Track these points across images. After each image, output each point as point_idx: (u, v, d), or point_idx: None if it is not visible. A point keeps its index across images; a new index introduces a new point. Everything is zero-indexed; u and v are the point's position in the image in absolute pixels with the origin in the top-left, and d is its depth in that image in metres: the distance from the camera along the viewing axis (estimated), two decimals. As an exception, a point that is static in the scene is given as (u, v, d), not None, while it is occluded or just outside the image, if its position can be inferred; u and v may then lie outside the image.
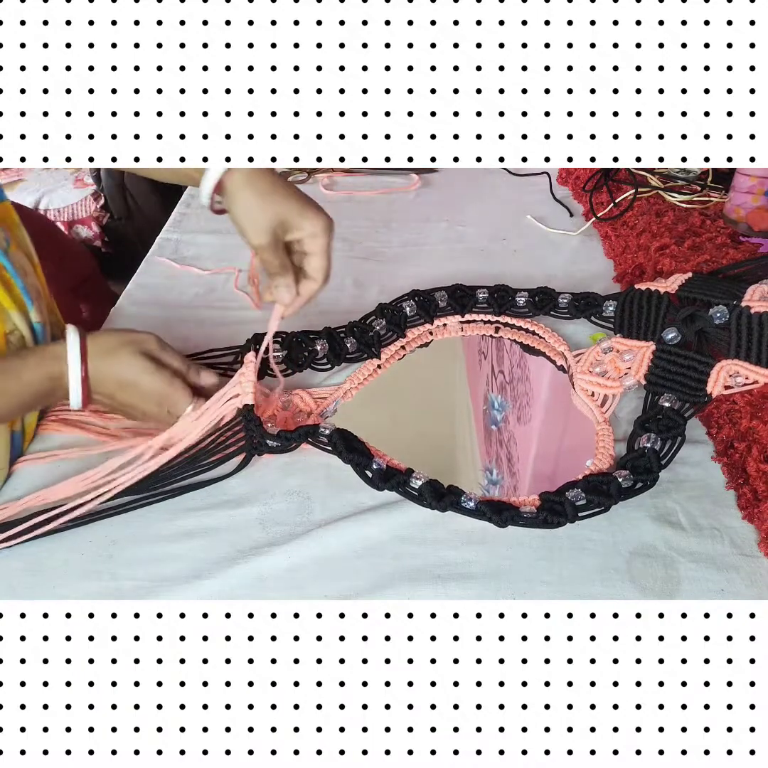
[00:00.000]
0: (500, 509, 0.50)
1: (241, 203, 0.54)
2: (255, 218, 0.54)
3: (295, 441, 0.56)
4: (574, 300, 0.71)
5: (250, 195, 0.53)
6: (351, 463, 0.54)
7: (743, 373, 0.57)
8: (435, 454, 0.64)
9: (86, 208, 1.81)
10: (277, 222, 0.54)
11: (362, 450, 0.55)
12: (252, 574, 0.49)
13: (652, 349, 0.62)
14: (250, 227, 0.54)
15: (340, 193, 1.02)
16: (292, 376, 0.67)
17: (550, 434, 0.66)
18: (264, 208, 0.53)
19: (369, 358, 0.68)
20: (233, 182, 0.53)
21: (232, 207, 0.54)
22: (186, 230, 0.94)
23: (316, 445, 0.56)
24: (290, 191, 0.55)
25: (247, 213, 0.54)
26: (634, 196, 0.87)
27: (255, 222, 0.54)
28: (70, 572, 0.50)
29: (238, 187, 0.53)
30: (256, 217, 0.54)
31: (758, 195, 0.76)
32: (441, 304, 0.72)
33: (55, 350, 0.55)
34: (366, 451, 0.55)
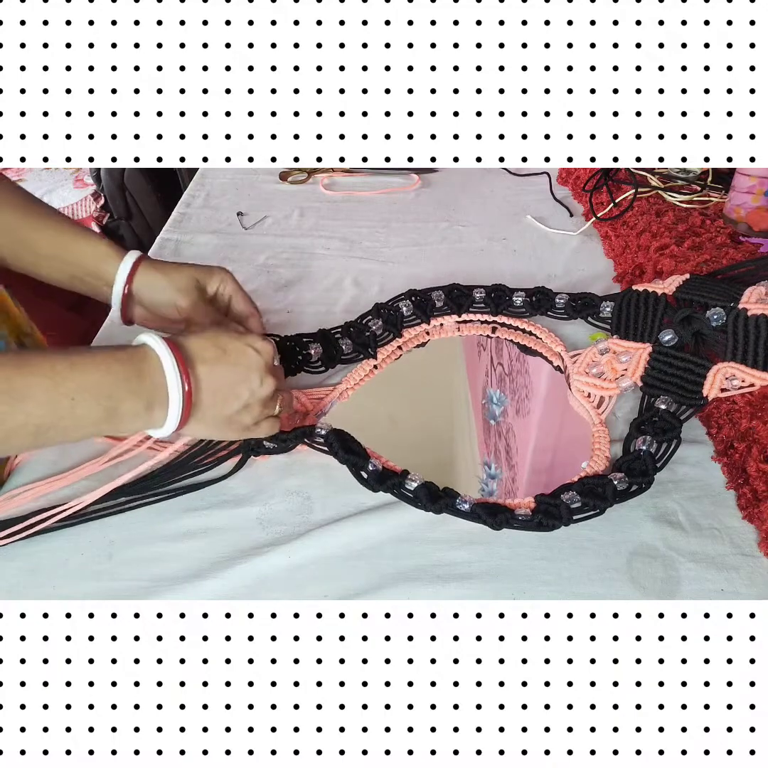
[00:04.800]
0: (495, 512, 0.50)
1: (156, 285, 0.59)
2: (174, 287, 0.59)
3: (292, 442, 0.56)
4: (571, 300, 0.71)
5: (160, 277, 0.59)
6: (347, 463, 0.54)
7: (739, 376, 0.56)
8: (434, 448, 0.64)
9: (86, 208, 1.81)
10: (193, 282, 0.60)
11: (358, 451, 0.55)
12: (252, 574, 0.49)
13: (648, 350, 0.62)
14: (174, 295, 0.59)
15: (340, 193, 1.02)
16: (286, 378, 0.67)
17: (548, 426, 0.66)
18: (176, 276, 0.60)
19: (365, 359, 0.67)
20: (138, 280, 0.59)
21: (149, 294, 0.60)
22: (186, 230, 0.94)
23: (312, 445, 0.56)
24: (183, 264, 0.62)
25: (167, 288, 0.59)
26: (634, 196, 0.87)
27: (176, 290, 0.59)
28: (70, 572, 0.50)
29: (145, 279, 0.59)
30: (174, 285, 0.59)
31: (758, 195, 0.76)
32: (438, 304, 0.72)
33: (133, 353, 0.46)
34: (362, 452, 0.55)
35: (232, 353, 0.49)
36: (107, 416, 0.44)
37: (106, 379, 0.44)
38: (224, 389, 0.48)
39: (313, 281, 0.82)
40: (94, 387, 0.44)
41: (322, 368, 0.67)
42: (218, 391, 0.48)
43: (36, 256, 0.61)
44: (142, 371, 0.45)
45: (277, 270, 0.84)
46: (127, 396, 0.45)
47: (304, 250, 0.88)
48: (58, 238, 0.61)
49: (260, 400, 0.50)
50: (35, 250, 0.61)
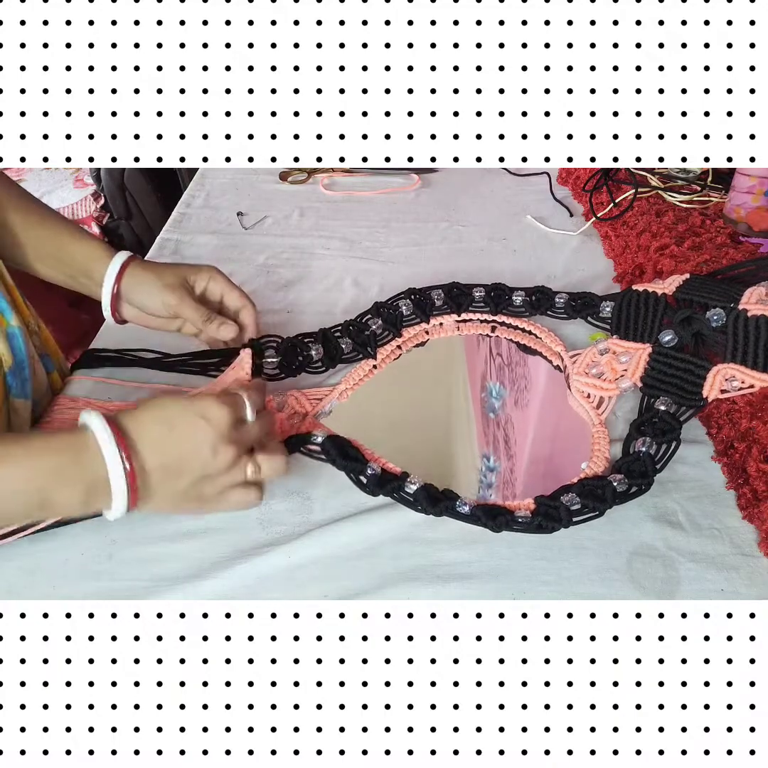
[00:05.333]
0: (495, 514, 0.50)
1: (143, 283, 0.61)
2: (161, 283, 0.60)
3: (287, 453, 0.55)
4: (570, 300, 0.71)
5: (148, 274, 0.61)
6: (345, 470, 0.54)
7: (739, 377, 0.56)
8: (434, 446, 0.64)
9: (86, 208, 1.81)
10: (181, 280, 0.61)
11: (356, 456, 0.55)
12: (252, 574, 0.49)
13: (648, 351, 0.62)
14: (161, 292, 0.60)
15: (340, 193, 1.02)
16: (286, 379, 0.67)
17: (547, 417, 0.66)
18: (164, 274, 0.61)
19: (365, 359, 0.67)
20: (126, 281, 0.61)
21: (137, 293, 0.61)
22: (186, 230, 0.94)
23: (308, 454, 0.56)
24: (171, 263, 0.64)
25: (155, 285, 0.60)
26: (634, 196, 0.87)
27: (163, 286, 0.60)
28: (70, 572, 0.50)
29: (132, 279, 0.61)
30: (161, 282, 0.61)
31: (758, 195, 0.76)
32: (437, 303, 0.72)
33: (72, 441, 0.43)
34: (360, 456, 0.55)
35: (177, 427, 0.45)
36: (39, 506, 0.43)
37: (37, 471, 0.42)
38: (173, 465, 0.45)
39: (313, 281, 0.82)
40: (23, 479, 0.42)
41: (323, 369, 0.67)
42: (167, 467, 0.45)
43: (35, 256, 0.62)
44: (80, 460, 0.42)
45: (277, 270, 0.84)
46: (61, 487, 0.42)
47: (304, 250, 0.88)
48: (55, 239, 0.62)
49: (218, 471, 0.46)
50: (34, 249, 0.62)
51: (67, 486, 0.42)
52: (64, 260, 0.62)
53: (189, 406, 0.46)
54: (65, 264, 0.62)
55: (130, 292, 0.61)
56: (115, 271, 0.61)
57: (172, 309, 0.61)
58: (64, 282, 0.63)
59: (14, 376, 0.55)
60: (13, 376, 0.55)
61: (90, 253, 0.62)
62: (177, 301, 0.60)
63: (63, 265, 0.62)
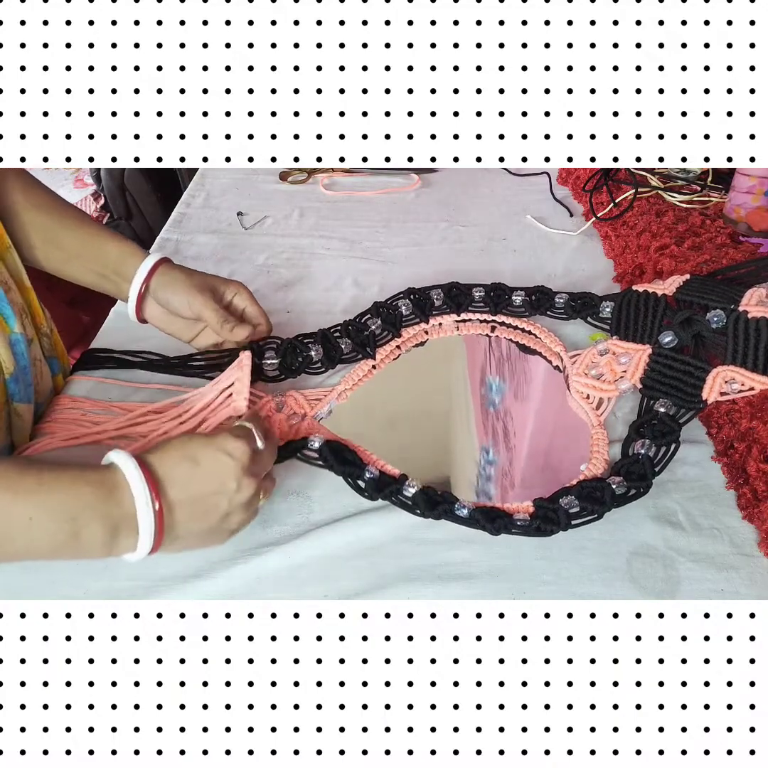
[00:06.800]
0: (493, 517, 0.50)
1: (173, 281, 0.62)
2: (190, 283, 0.62)
3: (284, 459, 0.55)
4: (570, 300, 0.71)
5: (178, 274, 0.63)
6: (343, 475, 0.54)
7: (739, 380, 0.56)
8: (434, 444, 0.64)
9: (86, 208, 1.81)
10: (209, 287, 0.63)
11: (353, 460, 0.54)
12: (252, 574, 0.49)
13: (648, 352, 0.62)
14: (189, 291, 0.62)
15: (340, 193, 1.02)
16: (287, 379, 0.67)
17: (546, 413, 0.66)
18: (194, 276, 0.63)
19: (364, 359, 0.67)
20: (157, 279, 0.62)
21: (168, 290, 0.62)
22: (186, 230, 0.94)
23: (306, 460, 0.56)
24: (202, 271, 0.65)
25: (184, 284, 0.62)
26: (634, 196, 0.87)
27: (191, 286, 0.62)
28: (70, 572, 0.50)
29: (164, 278, 0.62)
30: (191, 282, 0.62)
31: (758, 195, 0.76)
32: (437, 303, 0.72)
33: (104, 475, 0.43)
34: (357, 460, 0.55)
35: (203, 462, 0.45)
36: (68, 538, 0.41)
37: (73, 498, 0.41)
38: (200, 502, 0.45)
39: (313, 281, 0.82)
40: (57, 508, 0.41)
41: (322, 369, 0.67)
42: (194, 504, 0.45)
43: (66, 256, 0.63)
44: (112, 496, 0.42)
45: (277, 270, 0.84)
46: (90, 521, 0.41)
47: (304, 250, 0.88)
48: (87, 239, 0.63)
49: (241, 505, 0.46)
50: (66, 249, 0.63)
51: (95, 520, 0.42)
52: (98, 259, 0.63)
53: (210, 443, 0.46)
54: (98, 263, 0.63)
55: (158, 289, 0.63)
56: (147, 268, 0.62)
57: (196, 309, 0.62)
58: (92, 281, 0.64)
59: (17, 382, 0.55)
60: (16, 381, 0.55)
61: (125, 251, 0.63)
62: (201, 302, 0.61)
63: (96, 263, 0.63)
